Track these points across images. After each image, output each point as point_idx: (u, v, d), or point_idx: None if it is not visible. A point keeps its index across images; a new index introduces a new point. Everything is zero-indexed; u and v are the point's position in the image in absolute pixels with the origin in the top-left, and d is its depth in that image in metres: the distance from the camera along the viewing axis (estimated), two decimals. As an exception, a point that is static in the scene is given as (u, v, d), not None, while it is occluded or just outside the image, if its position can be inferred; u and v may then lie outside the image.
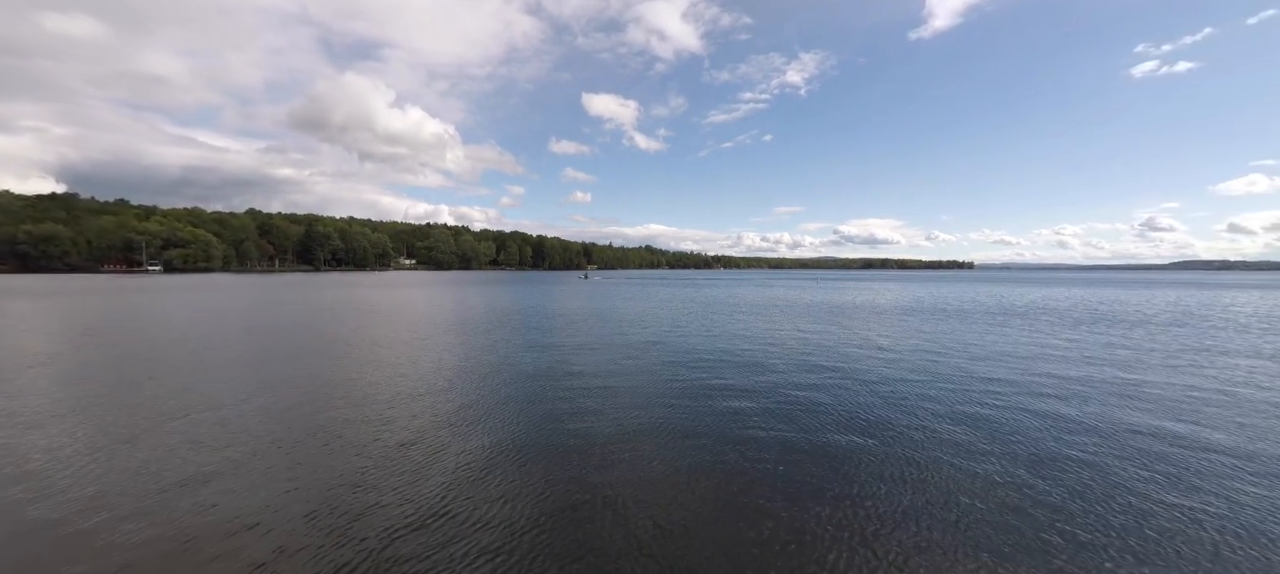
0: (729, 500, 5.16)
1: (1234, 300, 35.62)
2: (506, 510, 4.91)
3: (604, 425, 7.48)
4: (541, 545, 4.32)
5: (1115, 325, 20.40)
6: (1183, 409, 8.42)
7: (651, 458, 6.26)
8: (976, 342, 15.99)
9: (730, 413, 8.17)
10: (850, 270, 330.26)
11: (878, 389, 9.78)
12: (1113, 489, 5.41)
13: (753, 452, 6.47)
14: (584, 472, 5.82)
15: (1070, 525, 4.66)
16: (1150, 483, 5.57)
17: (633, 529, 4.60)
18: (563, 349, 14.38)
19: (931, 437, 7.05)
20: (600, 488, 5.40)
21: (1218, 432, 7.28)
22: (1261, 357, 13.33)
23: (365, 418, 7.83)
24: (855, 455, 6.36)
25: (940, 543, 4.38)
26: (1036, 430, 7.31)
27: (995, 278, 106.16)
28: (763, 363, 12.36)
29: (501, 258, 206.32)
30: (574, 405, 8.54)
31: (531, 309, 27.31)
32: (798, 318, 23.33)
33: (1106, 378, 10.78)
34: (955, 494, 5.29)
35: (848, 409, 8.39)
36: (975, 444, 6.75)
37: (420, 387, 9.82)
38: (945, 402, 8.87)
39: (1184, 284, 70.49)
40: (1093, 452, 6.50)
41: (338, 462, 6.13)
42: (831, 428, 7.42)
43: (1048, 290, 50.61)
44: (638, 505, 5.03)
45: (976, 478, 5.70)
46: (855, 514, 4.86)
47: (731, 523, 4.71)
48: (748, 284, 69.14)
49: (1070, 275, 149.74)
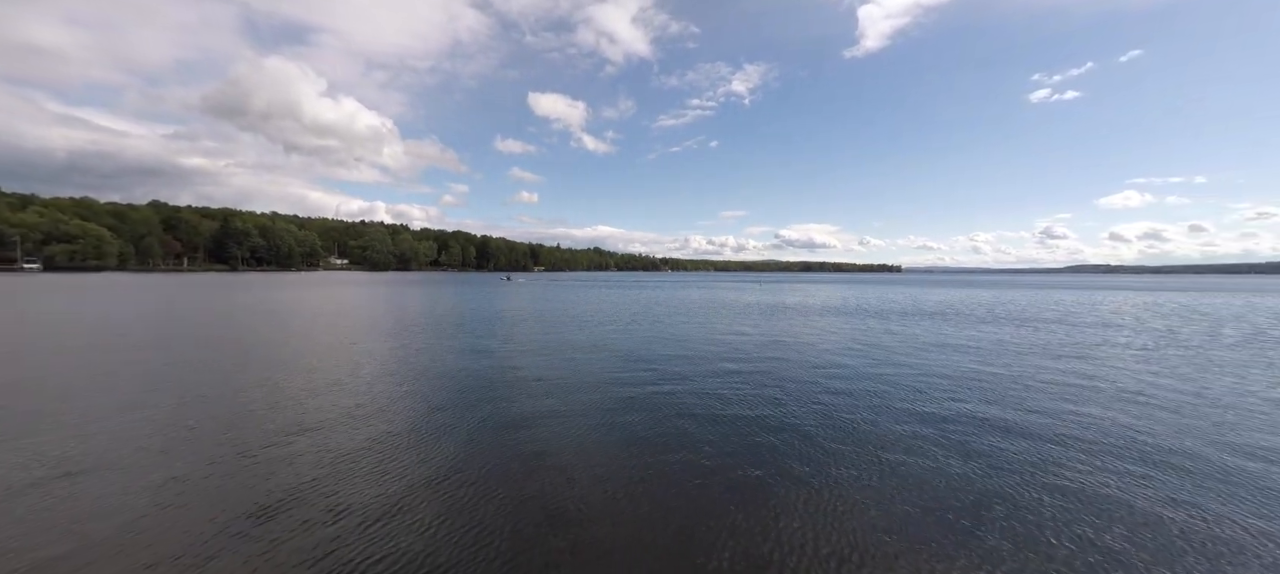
0: (672, 501, 5.24)
1: (1105, 299, 40.35)
2: (443, 523, 4.85)
3: (545, 431, 7.39)
4: (484, 553, 4.29)
5: (1020, 324, 22.60)
6: (1062, 396, 9.51)
7: (596, 462, 6.30)
8: (910, 341, 17.21)
9: (672, 414, 8.38)
10: (791, 273, 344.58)
11: (819, 385, 10.35)
12: (1029, 476, 6.08)
13: (694, 451, 6.65)
14: (526, 478, 5.77)
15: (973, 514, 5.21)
16: (1037, 466, 6.30)
17: (575, 531, 4.63)
18: (498, 354, 14.15)
19: (867, 433, 7.55)
20: (543, 493, 5.39)
21: (1077, 416, 8.31)
22: (1131, 347, 15.25)
23: (261, 431, 7.41)
24: (798, 452, 6.72)
25: (881, 536, 4.72)
26: (969, 421, 8.04)
27: (921, 281, 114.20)
28: (706, 363, 12.75)
29: (443, 258, 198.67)
30: (512, 411, 8.44)
31: (466, 312, 26.62)
32: (740, 318, 24.15)
33: (1026, 371, 11.98)
34: (891, 489, 5.74)
35: (787, 406, 8.83)
36: (900, 437, 7.34)
37: (326, 403, 9.38)
38: (881, 397, 9.53)
39: (1072, 286, 78.94)
40: (1022, 445, 7.23)
41: (229, 482, 5.79)
42: (771, 426, 7.78)
43: (964, 292, 55.09)
44: (580, 508, 5.05)
45: (907, 469, 6.21)
46: (799, 510, 5.07)
47: (673, 523, 4.80)
48: (693, 286, 70.61)
49: (983, 278, 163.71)
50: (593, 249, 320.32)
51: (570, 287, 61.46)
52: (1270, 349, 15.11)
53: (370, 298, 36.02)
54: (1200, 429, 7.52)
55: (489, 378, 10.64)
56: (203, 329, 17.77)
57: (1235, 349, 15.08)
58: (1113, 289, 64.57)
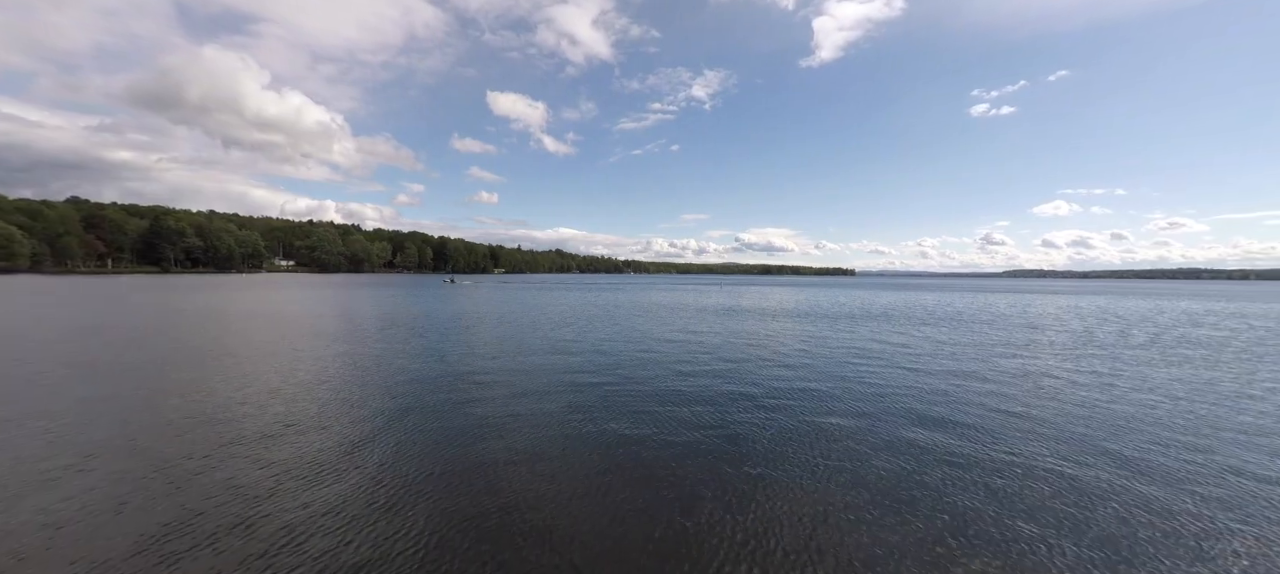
0: (629, 501, 5.44)
1: (1035, 302, 43.58)
2: (401, 533, 4.84)
3: (503, 437, 7.47)
4: (444, 559, 4.33)
5: (956, 325, 24.08)
6: (987, 392, 10.31)
7: (556, 466, 6.42)
8: (857, 343, 18.04)
9: (632, 415, 8.59)
10: (751, 275, 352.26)
11: (772, 387, 10.79)
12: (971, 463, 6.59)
13: (654, 452, 6.90)
14: (483, 483, 5.85)
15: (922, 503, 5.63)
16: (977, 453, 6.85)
17: (533, 535, 4.74)
18: (442, 361, 13.95)
19: (819, 432, 7.98)
20: (499, 497, 5.49)
21: (1007, 405, 9.07)
22: (1058, 346, 16.61)
23: (198, 443, 7.12)
24: (751, 449, 7.06)
25: (833, 530, 5.05)
26: (908, 418, 8.58)
27: (872, 284, 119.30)
28: (666, 365, 13.02)
29: (399, 260, 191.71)
30: (470, 418, 8.44)
31: (417, 315, 25.96)
32: (700, 320, 24.63)
33: (969, 370, 12.82)
34: (838, 483, 6.11)
35: (739, 407, 9.20)
36: (845, 433, 7.79)
37: (259, 413, 9.07)
38: (827, 399, 10.03)
39: (1007, 290, 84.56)
40: (946, 438, 7.79)
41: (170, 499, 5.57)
42: (723, 426, 8.11)
43: (910, 296, 57.99)
44: (538, 512, 5.15)
45: (853, 466, 6.61)
46: (755, 506, 5.38)
47: (633, 524, 4.97)
48: (656, 288, 71.11)
49: (930, 282, 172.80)
50: (555, 251, 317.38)
51: (524, 290, 60.69)
52: (1169, 349, 16.83)
53: (308, 301, 34.51)
54: (1103, 421, 8.41)
55: (428, 386, 10.55)
56: (116, 334, 16.63)
57: (1140, 349, 16.72)
58: (1043, 293, 69.59)
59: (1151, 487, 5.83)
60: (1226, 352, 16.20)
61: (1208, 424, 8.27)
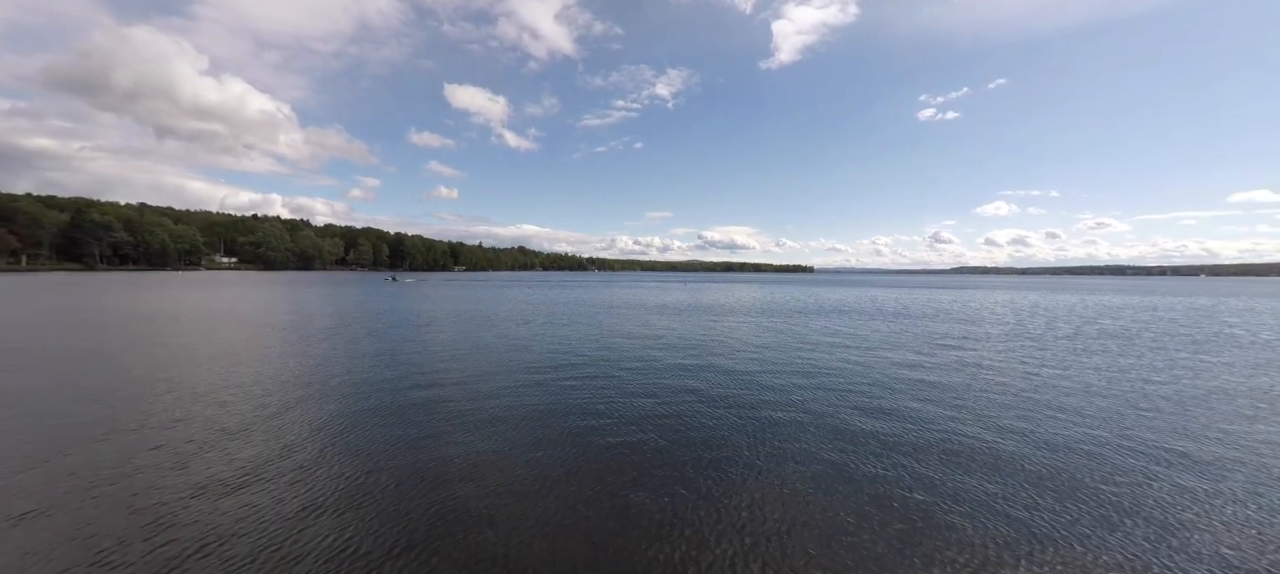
0: (587, 500, 5.42)
1: (975, 297, 46.19)
2: (352, 538, 4.63)
3: (445, 440, 7.33)
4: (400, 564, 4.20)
5: (903, 319, 25.19)
6: (922, 383, 10.82)
7: (514, 468, 6.33)
8: (811, 336, 18.55)
9: (587, 412, 8.55)
10: (714, 272, 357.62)
11: (732, 379, 10.96)
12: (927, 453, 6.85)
13: (612, 450, 6.91)
14: (439, 487, 5.72)
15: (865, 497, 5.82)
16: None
17: (488, 536, 4.66)
18: (394, 361, 13.52)
19: (772, 424, 8.14)
20: (456, 500, 5.38)
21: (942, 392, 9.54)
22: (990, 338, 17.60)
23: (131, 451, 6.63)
24: (701, 440, 7.15)
25: (792, 527, 5.14)
26: (859, 410, 8.86)
27: (829, 281, 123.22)
28: (622, 361, 13.01)
29: (352, 257, 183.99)
30: (409, 420, 8.21)
31: (357, 316, 25.03)
32: (663, 316, 24.77)
33: (911, 360, 13.36)
34: (791, 476, 6.24)
35: (693, 399, 9.31)
36: (801, 426, 7.98)
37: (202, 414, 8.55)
38: (791, 390, 10.25)
39: (953, 286, 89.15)
40: (888, 425, 8.08)
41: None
42: (679, 418, 8.19)
43: (863, 292, 60.25)
44: (493, 514, 5.08)
45: (809, 460, 6.77)
46: (712, 503, 5.44)
47: (591, 522, 4.97)
48: (620, 286, 71.10)
49: (883, 278, 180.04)
50: (517, 248, 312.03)
51: (481, 287, 59.51)
52: (1090, 341, 18.18)
53: (240, 300, 32.73)
54: (1024, 404, 9.01)
55: (364, 389, 10.24)
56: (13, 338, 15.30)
57: (1063, 340, 17.98)
58: (985, 289, 73.70)
59: (1059, 458, 6.29)
60: (1137, 342, 17.63)
61: (1114, 405, 8.98)
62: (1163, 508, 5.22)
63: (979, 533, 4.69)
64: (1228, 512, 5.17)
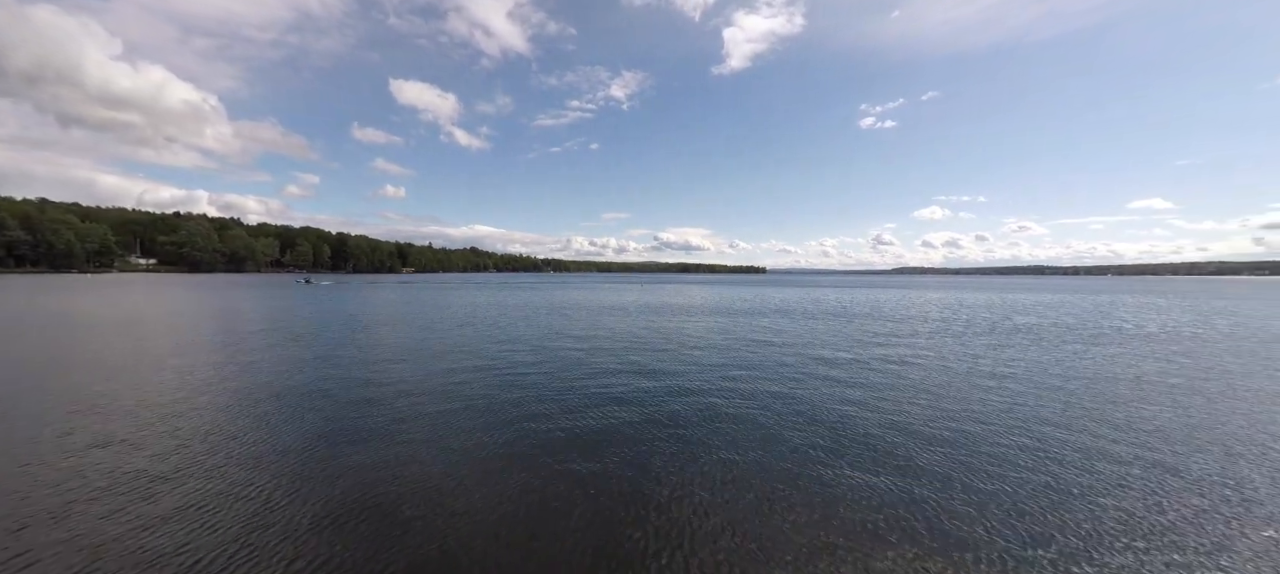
0: (527, 499, 5.42)
1: (908, 297, 49.11)
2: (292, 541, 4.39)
3: (394, 443, 7.09)
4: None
5: (840, 318, 26.40)
6: (849, 373, 11.43)
7: (457, 471, 6.20)
8: (760, 336, 19.10)
9: (526, 413, 8.46)
10: (670, 273, 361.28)
11: (673, 380, 11.12)
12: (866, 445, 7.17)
13: (551, 450, 6.90)
14: (375, 489, 5.54)
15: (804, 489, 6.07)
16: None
17: (427, 540, 4.58)
18: (335, 364, 12.94)
19: (712, 423, 8.33)
20: (390, 501, 5.23)
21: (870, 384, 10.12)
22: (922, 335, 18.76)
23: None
24: (653, 445, 7.23)
25: (734, 525, 5.27)
26: (815, 410, 9.19)
27: (781, 281, 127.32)
28: (571, 363, 12.96)
29: (289, 258, 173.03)
30: (325, 434, 7.88)
31: (266, 318, 23.76)
32: (615, 316, 24.81)
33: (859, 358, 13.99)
34: (738, 476, 6.41)
35: (646, 402, 9.39)
36: (748, 423, 8.21)
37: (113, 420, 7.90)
38: (731, 389, 10.51)
39: (892, 285, 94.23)
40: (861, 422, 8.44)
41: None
42: (633, 421, 8.25)
43: (809, 292, 62.62)
44: (430, 516, 5.02)
45: (754, 457, 6.97)
46: (654, 502, 5.54)
47: (528, 522, 4.97)
48: (576, 287, 70.58)
49: (830, 279, 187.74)
50: (469, 249, 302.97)
51: (426, 290, 57.62)
52: (1004, 336, 19.75)
53: (140, 305, 30.34)
54: (941, 399, 9.75)
55: (274, 401, 9.83)
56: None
57: (981, 336, 19.46)
58: (920, 288, 78.35)
59: (958, 446, 6.88)
60: (1044, 338, 19.34)
61: (1016, 393, 9.87)
62: (1042, 483, 5.83)
63: (872, 513, 5.10)
64: (1106, 488, 5.84)
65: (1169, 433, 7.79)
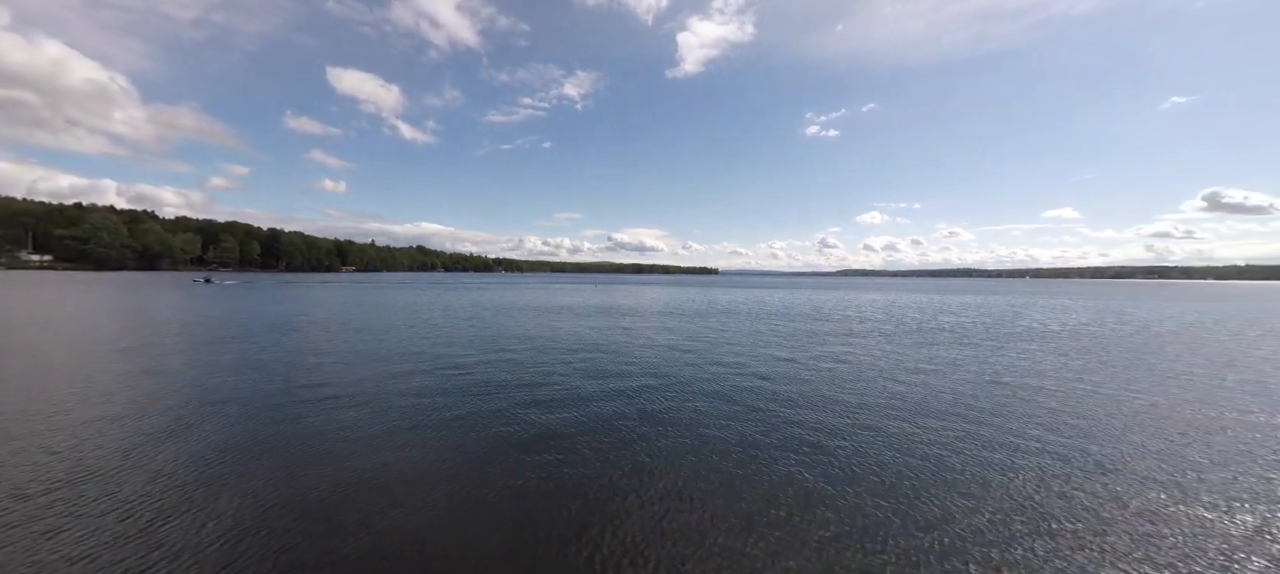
0: (470, 500, 5.29)
1: (847, 297, 51.71)
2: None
3: (345, 441, 6.68)
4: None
5: (784, 319, 27.37)
6: (778, 370, 11.89)
7: (399, 470, 5.91)
8: (709, 335, 19.43)
9: (456, 417, 8.25)
10: (624, 274, 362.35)
11: (621, 382, 11.11)
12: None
13: (484, 453, 6.74)
14: (320, 491, 5.16)
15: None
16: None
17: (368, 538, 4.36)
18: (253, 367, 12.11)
19: (653, 420, 8.38)
20: (338, 502, 4.90)
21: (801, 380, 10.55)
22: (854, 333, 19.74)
23: None
24: (588, 446, 7.20)
25: (677, 521, 5.31)
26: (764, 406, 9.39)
27: (734, 283, 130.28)
28: (514, 366, 12.71)
29: (213, 255, 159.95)
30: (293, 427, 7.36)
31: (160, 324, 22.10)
32: (564, 317, 24.55)
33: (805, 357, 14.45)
34: (688, 471, 6.45)
35: (585, 403, 9.35)
36: (700, 420, 8.32)
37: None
38: (670, 388, 10.62)
39: (835, 287, 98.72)
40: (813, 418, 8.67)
41: None
42: (578, 421, 8.18)
43: (758, 293, 64.46)
44: (373, 516, 4.79)
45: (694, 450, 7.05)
46: (587, 500, 5.52)
47: (471, 522, 4.85)
48: (528, 287, 69.32)
49: (779, 281, 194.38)
50: (416, 248, 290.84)
51: (361, 290, 55.02)
52: (930, 335, 21.18)
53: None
54: (868, 394, 10.36)
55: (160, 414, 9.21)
56: None
57: (910, 335, 20.78)
58: (860, 290, 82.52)
59: (878, 436, 7.36)
60: (968, 337, 20.90)
61: (935, 387, 10.65)
62: (948, 465, 6.35)
63: (789, 503, 5.40)
64: (1000, 469, 6.42)
65: (1051, 421, 8.66)
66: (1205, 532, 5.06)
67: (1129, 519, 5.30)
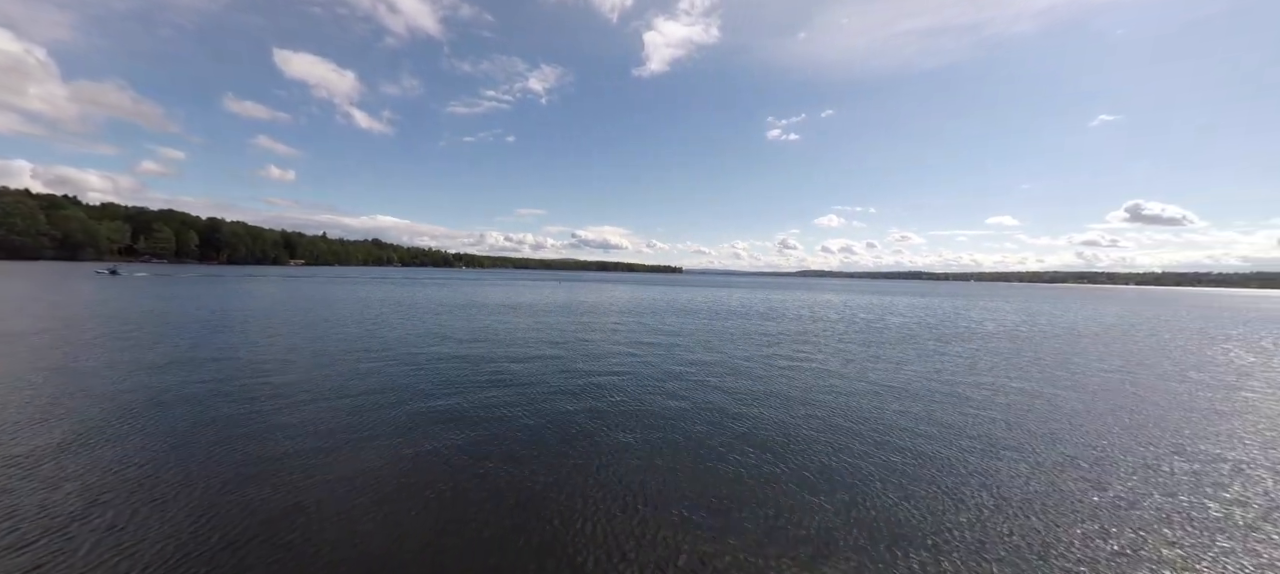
0: (425, 502, 5.03)
1: (801, 297, 53.17)
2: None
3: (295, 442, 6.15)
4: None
5: (740, 317, 27.77)
6: (733, 366, 11.98)
7: (352, 471, 5.52)
8: (668, 334, 19.37)
9: (425, 415, 7.80)
10: (589, 271, 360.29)
11: (570, 382, 10.88)
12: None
13: (460, 454, 6.42)
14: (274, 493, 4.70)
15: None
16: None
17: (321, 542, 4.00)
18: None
19: (597, 418, 8.21)
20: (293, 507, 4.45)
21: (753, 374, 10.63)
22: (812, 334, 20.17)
23: None
24: (536, 444, 6.97)
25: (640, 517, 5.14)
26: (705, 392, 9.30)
27: (697, 282, 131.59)
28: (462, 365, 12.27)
29: (144, 245, 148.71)
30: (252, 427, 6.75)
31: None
32: (519, 314, 24.04)
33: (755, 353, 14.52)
34: (643, 469, 6.26)
35: (533, 403, 9.07)
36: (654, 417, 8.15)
37: None
38: (620, 386, 10.46)
39: (793, 287, 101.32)
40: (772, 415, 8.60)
41: None
42: (536, 421, 7.89)
43: (720, 292, 65.31)
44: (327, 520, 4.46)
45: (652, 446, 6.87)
46: (554, 501, 5.32)
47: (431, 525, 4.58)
48: (486, 284, 67.73)
49: (741, 280, 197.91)
50: (371, 241, 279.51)
51: (306, 283, 52.49)
52: (878, 334, 21.96)
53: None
54: (814, 390, 10.57)
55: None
56: None
57: (858, 333, 21.48)
58: (817, 291, 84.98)
59: (825, 428, 7.50)
60: (916, 337, 21.78)
61: (880, 384, 10.98)
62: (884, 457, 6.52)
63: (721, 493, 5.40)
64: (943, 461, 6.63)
65: (979, 416, 9.09)
66: (1116, 512, 5.37)
67: (1050, 501, 5.58)
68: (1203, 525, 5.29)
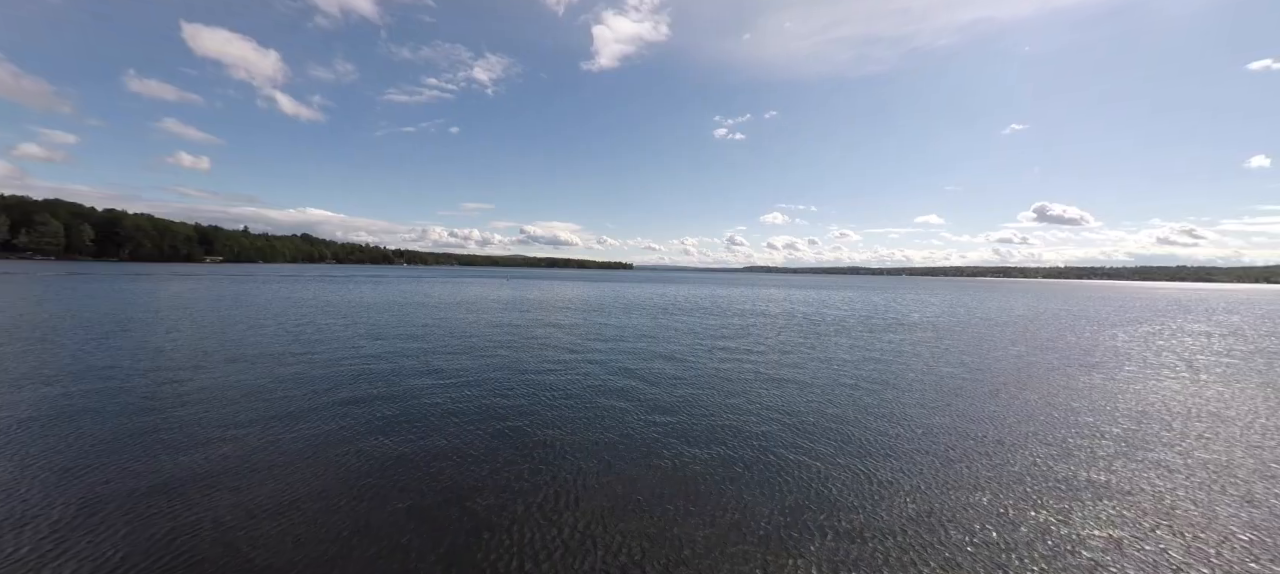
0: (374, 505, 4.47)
1: (748, 292, 54.74)
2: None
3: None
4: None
5: (689, 313, 28.08)
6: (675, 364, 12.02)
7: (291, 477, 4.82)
8: (615, 332, 19.12)
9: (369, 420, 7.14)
10: (538, 268, 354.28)
11: (517, 380, 10.41)
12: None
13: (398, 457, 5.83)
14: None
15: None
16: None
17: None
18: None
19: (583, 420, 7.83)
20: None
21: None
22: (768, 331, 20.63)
23: None
24: (500, 446, 6.52)
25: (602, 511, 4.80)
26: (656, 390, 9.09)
27: (647, 278, 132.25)
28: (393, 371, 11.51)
29: (26, 239, 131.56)
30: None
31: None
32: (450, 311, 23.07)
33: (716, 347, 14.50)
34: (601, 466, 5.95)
35: (506, 402, 8.56)
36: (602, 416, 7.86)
37: None
38: (562, 385, 10.13)
39: (740, 283, 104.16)
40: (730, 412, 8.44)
41: None
42: (486, 420, 7.41)
43: (670, 288, 65.93)
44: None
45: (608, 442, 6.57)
46: (501, 500, 4.94)
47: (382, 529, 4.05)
48: (425, 281, 64.83)
49: (690, 276, 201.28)
50: (300, 236, 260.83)
51: (216, 280, 48.49)
52: (816, 326, 22.87)
53: None
54: (751, 382, 10.79)
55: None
56: None
57: (798, 325, 22.30)
58: (763, 286, 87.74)
59: (764, 419, 7.64)
60: (849, 330, 22.84)
61: (814, 373, 11.38)
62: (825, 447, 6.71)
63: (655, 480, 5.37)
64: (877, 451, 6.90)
65: (901, 400, 9.63)
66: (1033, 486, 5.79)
67: (953, 474, 5.93)
68: (1081, 483, 5.80)
